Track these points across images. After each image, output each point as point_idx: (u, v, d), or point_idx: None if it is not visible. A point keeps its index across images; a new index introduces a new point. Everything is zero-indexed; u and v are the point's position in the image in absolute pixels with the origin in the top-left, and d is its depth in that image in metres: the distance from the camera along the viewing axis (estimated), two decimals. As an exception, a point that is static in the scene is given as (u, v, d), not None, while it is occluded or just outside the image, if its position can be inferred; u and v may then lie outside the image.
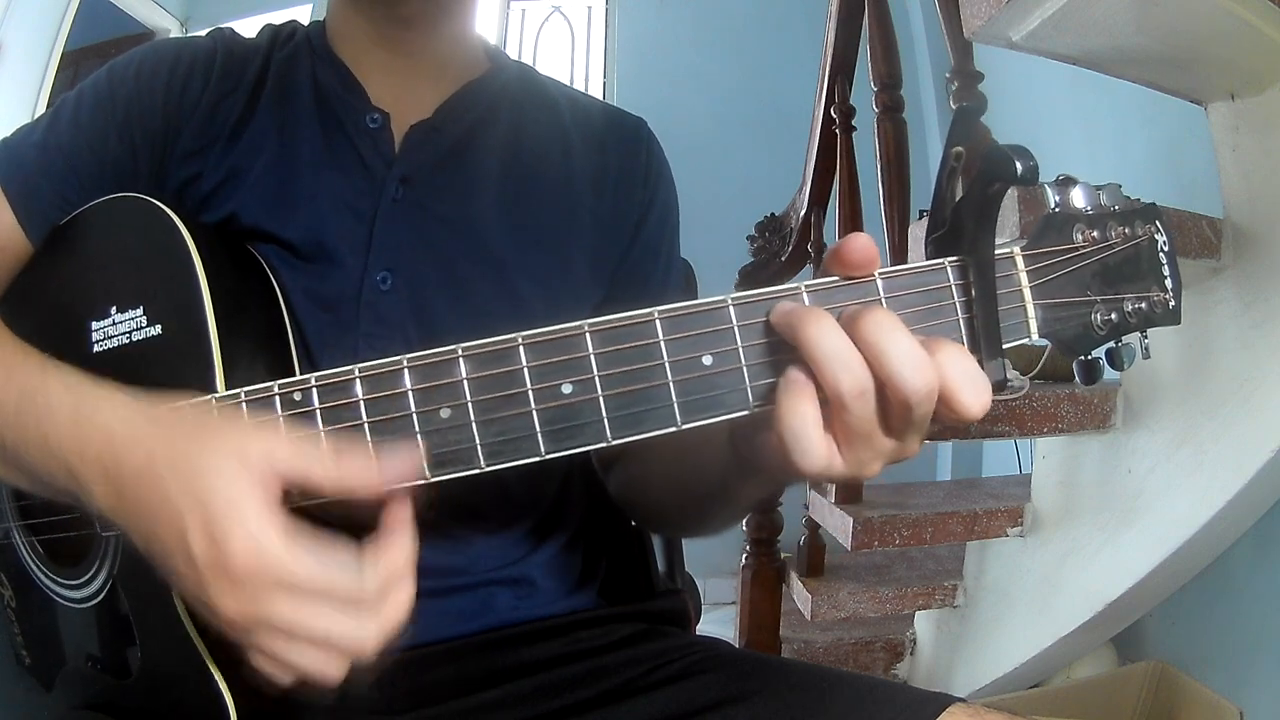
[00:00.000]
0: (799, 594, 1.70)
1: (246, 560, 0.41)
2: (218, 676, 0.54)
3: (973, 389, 0.41)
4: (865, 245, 0.43)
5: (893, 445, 0.43)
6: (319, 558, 0.43)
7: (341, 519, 0.45)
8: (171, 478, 0.43)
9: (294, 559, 0.42)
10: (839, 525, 1.53)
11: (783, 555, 1.83)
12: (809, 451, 0.41)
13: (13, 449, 0.51)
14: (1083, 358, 0.47)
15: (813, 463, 0.42)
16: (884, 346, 0.40)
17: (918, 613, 1.78)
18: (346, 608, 0.43)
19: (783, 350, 0.43)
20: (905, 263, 0.45)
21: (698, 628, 0.86)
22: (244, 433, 0.45)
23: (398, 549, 0.44)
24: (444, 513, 0.47)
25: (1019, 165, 0.41)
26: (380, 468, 0.44)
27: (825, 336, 0.40)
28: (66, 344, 0.61)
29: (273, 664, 0.43)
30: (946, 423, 0.42)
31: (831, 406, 0.41)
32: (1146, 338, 0.48)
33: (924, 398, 0.40)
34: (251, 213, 0.66)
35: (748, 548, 1.82)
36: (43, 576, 0.65)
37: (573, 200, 0.74)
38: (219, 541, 0.42)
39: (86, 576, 0.61)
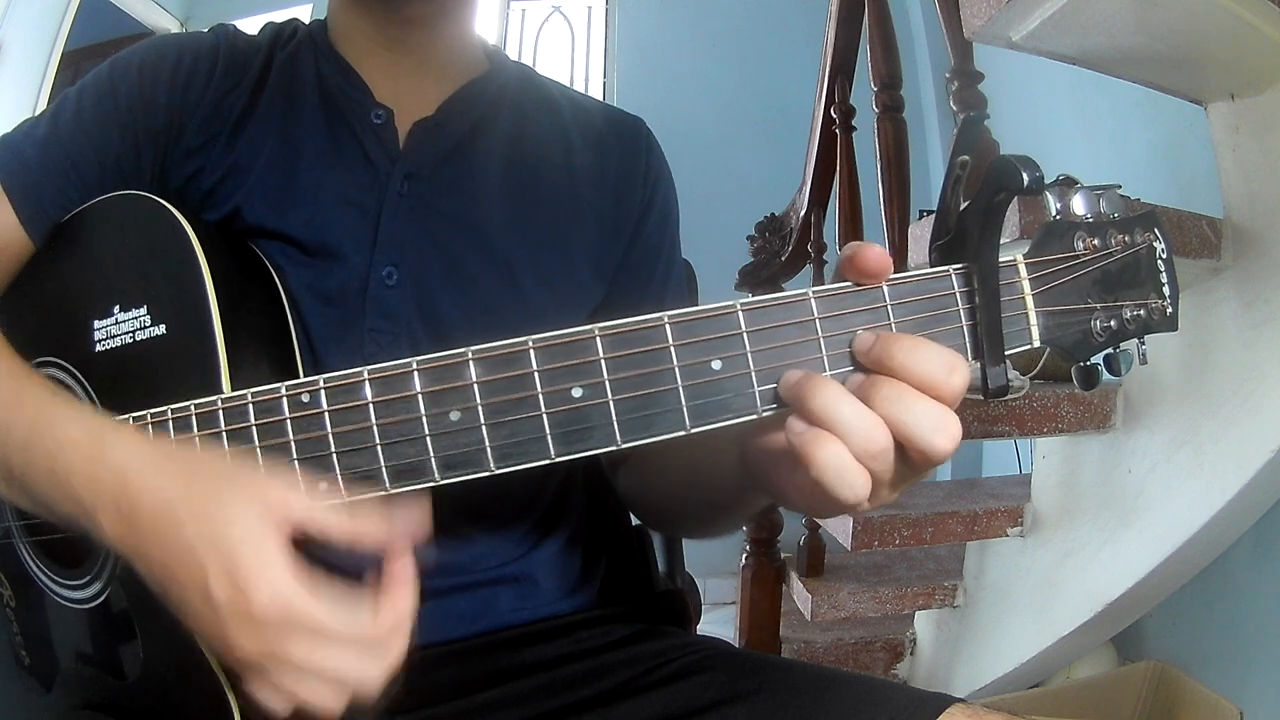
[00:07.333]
0: (799, 594, 1.71)
1: (270, 605, 0.43)
2: (222, 678, 0.54)
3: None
4: (880, 255, 0.44)
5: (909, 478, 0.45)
6: (334, 601, 0.44)
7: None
8: (189, 520, 0.45)
9: (314, 603, 0.44)
10: (839, 525, 1.53)
11: (783, 555, 1.83)
12: (854, 485, 0.42)
13: (19, 476, 0.51)
14: (1082, 364, 0.47)
15: (858, 494, 0.42)
16: (904, 417, 0.41)
17: (918, 613, 1.78)
18: (358, 648, 0.45)
19: (790, 356, 0.43)
20: (905, 262, 0.45)
21: (698, 628, 0.86)
22: (260, 479, 0.46)
23: (403, 595, 0.46)
24: (447, 510, 0.48)
25: (1025, 175, 0.42)
26: (391, 523, 0.46)
27: (839, 408, 0.41)
28: (69, 343, 0.61)
29: (277, 696, 0.45)
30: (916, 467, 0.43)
31: None
32: (1144, 343, 0.48)
33: (948, 454, 0.42)
34: (255, 209, 0.66)
35: (748, 548, 1.83)
36: (43, 577, 0.65)
37: (575, 197, 0.74)
38: (242, 586, 0.43)
39: (87, 578, 0.61)
